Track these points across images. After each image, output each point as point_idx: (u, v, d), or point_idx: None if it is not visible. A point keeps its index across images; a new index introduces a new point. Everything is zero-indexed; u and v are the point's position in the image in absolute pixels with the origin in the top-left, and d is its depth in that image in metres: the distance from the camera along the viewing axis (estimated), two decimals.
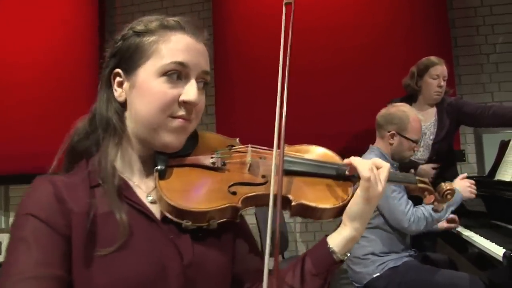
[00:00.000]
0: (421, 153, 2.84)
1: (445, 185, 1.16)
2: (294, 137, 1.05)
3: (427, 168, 2.82)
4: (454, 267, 2.68)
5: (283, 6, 1.03)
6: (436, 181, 2.88)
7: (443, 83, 2.79)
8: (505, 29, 3.87)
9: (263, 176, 0.99)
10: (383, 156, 2.42)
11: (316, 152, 1.11)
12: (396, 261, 2.32)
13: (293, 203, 0.94)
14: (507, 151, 2.46)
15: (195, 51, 0.93)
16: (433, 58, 2.84)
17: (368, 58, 3.59)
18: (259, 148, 1.04)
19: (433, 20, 3.69)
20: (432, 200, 1.15)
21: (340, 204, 0.98)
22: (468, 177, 3.19)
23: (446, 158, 2.87)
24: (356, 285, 2.40)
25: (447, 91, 2.88)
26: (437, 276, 2.27)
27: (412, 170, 2.76)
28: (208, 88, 1.00)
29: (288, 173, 0.99)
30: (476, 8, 3.91)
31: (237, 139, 1.08)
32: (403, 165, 2.55)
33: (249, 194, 0.93)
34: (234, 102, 3.88)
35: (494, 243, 2.06)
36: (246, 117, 3.76)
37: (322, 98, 3.60)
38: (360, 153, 2.57)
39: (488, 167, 2.69)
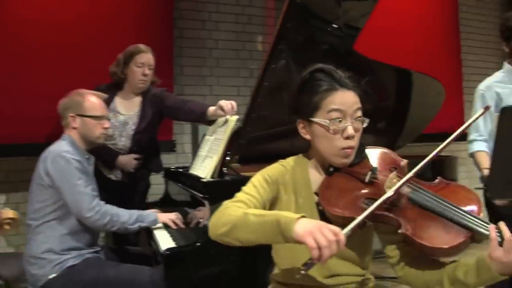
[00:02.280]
0: (123, 143, 2.74)
1: None
2: None
3: (128, 159, 2.74)
4: (149, 261, 2.66)
5: None
6: (138, 172, 2.83)
7: (148, 72, 2.73)
8: (227, 27, 4.09)
9: None
10: (73, 144, 2.25)
11: None
12: (76, 259, 2.15)
13: None
14: (201, 145, 2.54)
15: None
16: (140, 46, 2.76)
17: (80, 39, 3.26)
18: None
19: (159, 8, 3.63)
20: None
21: None
22: (177, 167, 3.25)
23: (149, 149, 2.84)
24: None
25: (154, 81, 2.84)
26: (119, 271, 2.19)
27: None
28: None
29: None
30: (204, 3, 4.02)
31: None
32: (99, 155, 2.43)
33: None
34: None
35: (171, 238, 2.08)
36: None
37: (27, 77, 3.16)
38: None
39: None
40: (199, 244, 1.71)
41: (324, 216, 1.33)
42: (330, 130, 1.32)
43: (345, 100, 1.33)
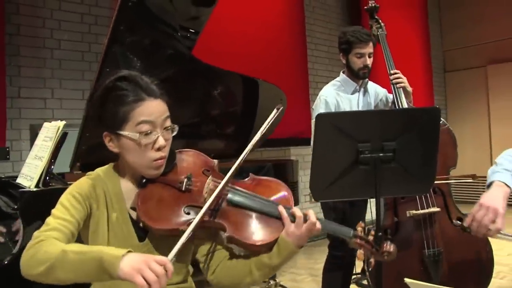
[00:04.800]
0: None
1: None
2: None
3: None
4: None
5: None
6: None
7: None
8: (71, 27, 3.86)
9: None
10: None
11: None
12: None
13: None
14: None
15: None
16: None
17: None
18: None
19: None
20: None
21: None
22: (9, 177, 2.96)
23: None
24: None
25: None
26: None
27: None
28: None
29: None
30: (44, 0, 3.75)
31: None
32: None
33: None
34: None
35: None
36: None
37: None
38: None
39: None
40: (5, 263, 1.54)
41: (139, 228, 1.29)
42: (141, 144, 1.26)
43: (153, 110, 1.28)
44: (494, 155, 7.13)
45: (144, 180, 1.33)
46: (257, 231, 1.28)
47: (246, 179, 1.42)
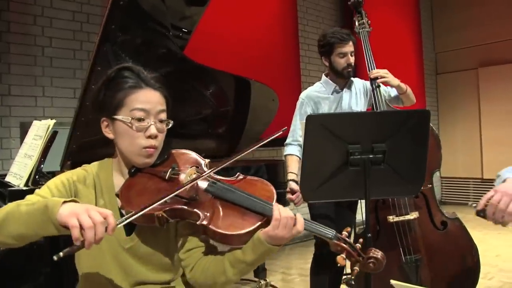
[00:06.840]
0: None
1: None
2: None
3: None
4: None
5: None
6: None
7: None
8: (63, 25, 3.84)
9: None
10: None
11: None
12: None
13: None
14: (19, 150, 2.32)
15: None
16: None
17: None
18: None
19: None
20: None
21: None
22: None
23: None
24: None
25: None
26: None
27: None
28: None
29: None
30: None
31: None
32: None
33: None
34: None
35: None
36: None
37: None
38: None
39: None
40: None
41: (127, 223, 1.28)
42: (133, 127, 1.29)
43: (149, 99, 1.31)
44: (485, 157, 7.25)
45: (133, 170, 1.35)
46: (230, 221, 1.26)
47: (235, 176, 1.43)
